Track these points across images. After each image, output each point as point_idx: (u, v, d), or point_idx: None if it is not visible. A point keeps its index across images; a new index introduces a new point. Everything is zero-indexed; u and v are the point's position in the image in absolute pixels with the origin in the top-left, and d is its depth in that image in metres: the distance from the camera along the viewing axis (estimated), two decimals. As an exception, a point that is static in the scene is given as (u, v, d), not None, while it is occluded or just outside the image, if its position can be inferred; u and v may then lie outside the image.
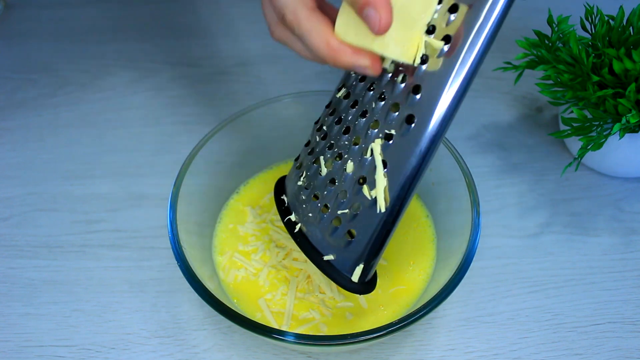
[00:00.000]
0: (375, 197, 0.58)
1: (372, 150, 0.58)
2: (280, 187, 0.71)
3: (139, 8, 1.18)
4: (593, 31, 0.82)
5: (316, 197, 0.64)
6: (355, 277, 0.62)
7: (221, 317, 0.63)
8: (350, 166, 0.60)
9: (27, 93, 1.03)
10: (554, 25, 0.81)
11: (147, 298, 0.77)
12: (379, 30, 0.52)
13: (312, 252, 0.64)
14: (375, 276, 0.65)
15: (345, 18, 0.54)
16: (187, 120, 0.98)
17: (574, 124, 0.77)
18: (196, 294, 0.64)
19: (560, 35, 0.81)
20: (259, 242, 0.76)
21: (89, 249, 0.82)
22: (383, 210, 0.58)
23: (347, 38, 0.54)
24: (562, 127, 0.87)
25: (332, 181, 0.62)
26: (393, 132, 0.56)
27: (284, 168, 0.84)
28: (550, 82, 0.80)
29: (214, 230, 0.78)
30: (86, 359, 0.73)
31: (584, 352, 0.72)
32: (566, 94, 0.78)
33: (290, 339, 0.60)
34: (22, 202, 0.88)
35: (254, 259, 0.75)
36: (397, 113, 0.56)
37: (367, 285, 0.63)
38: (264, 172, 0.84)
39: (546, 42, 0.81)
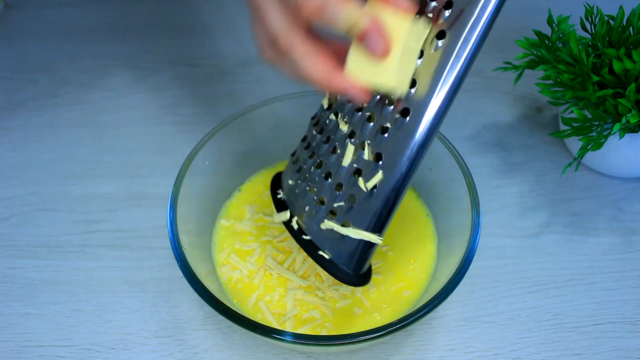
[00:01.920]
0: (370, 189, 0.58)
1: (367, 143, 0.59)
2: (276, 182, 0.71)
3: (139, 8, 1.18)
4: (593, 31, 0.82)
5: (312, 190, 0.64)
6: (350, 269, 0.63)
7: (221, 317, 0.63)
8: (346, 159, 0.61)
9: (27, 93, 1.03)
10: (554, 25, 0.81)
11: (147, 298, 0.77)
12: (381, 53, 0.54)
13: (309, 246, 0.65)
14: (370, 269, 0.66)
15: (355, 56, 0.55)
16: (187, 120, 0.97)
17: (574, 124, 0.77)
18: (196, 294, 0.64)
19: (560, 35, 0.81)
20: (256, 244, 0.76)
21: (89, 249, 0.82)
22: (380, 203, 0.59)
23: (359, 76, 0.56)
24: (562, 127, 0.87)
25: (328, 174, 0.63)
26: (388, 125, 0.57)
27: (284, 167, 0.83)
28: (550, 82, 0.80)
29: (214, 229, 0.78)
30: (86, 359, 0.73)
31: (584, 352, 0.72)
32: (566, 94, 0.78)
33: (290, 338, 0.60)
34: (22, 202, 0.88)
35: (249, 261, 0.75)
36: (392, 107, 0.57)
37: (362, 277, 0.64)
38: (264, 172, 0.84)
39: (546, 42, 0.81)
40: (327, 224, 0.62)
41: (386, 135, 0.57)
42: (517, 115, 0.97)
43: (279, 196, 0.70)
